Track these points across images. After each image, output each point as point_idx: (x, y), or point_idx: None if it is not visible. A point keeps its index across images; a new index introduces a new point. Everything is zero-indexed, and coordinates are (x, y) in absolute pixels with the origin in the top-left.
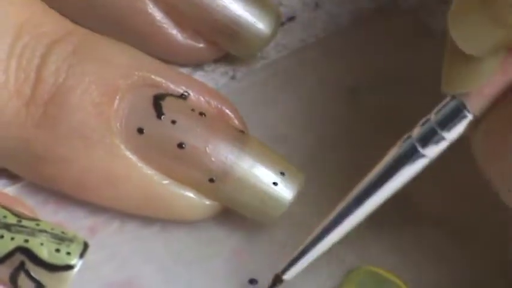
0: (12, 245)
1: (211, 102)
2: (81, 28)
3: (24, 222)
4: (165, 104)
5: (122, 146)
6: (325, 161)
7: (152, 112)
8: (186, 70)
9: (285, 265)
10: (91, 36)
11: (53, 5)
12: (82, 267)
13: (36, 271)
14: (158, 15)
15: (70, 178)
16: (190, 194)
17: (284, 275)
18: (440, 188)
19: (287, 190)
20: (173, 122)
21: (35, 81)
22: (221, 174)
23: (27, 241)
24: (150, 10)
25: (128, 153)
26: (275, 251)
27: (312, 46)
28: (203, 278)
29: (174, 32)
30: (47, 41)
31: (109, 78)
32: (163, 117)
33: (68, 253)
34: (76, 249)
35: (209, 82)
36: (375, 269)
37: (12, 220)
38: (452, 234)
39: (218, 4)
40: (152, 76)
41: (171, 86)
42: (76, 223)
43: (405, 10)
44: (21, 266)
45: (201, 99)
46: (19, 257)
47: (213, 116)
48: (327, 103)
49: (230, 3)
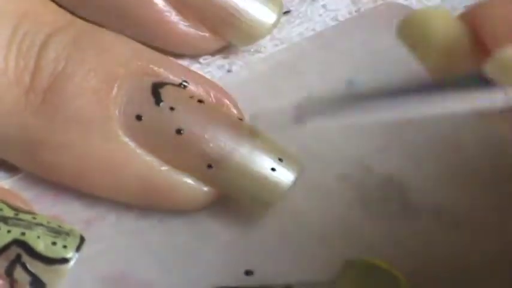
0: (8, 238)
1: (210, 92)
2: (80, 20)
3: (21, 215)
4: (164, 92)
5: (121, 133)
6: (322, 153)
7: (151, 99)
8: (182, 63)
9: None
10: (90, 27)
11: None
12: (78, 259)
13: (32, 264)
14: (160, 2)
15: (69, 165)
16: (188, 181)
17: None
18: (436, 179)
19: (285, 176)
20: (172, 109)
21: (34, 68)
22: (219, 160)
23: (23, 234)
24: None
25: (127, 139)
26: (271, 242)
27: (309, 40)
28: (199, 270)
29: (176, 20)
30: (47, 30)
31: (108, 65)
32: (161, 104)
33: (64, 246)
34: (72, 242)
35: (205, 75)
36: (372, 261)
37: (9, 213)
38: (448, 225)
39: None
40: (151, 66)
41: (170, 76)
42: (73, 216)
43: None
44: (17, 259)
45: (200, 89)
46: (15, 250)
47: (212, 104)
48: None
49: None
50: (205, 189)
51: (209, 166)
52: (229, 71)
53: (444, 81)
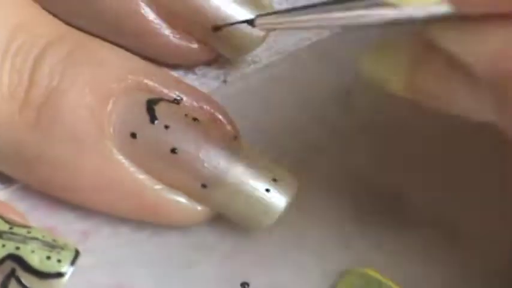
0: (3, 252)
1: (204, 107)
2: (75, 31)
3: (15, 229)
4: (159, 109)
5: (115, 150)
6: (317, 165)
7: (145, 117)
8: (177, 74)
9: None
10: (85, 39)
11: (46, 6)
12: (74, 271)
13: (27, 278)
14: (151, 15)
15: (62, 181)
16: (182, 200)
17: (257, 20)
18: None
19: (279, 197)
20: (166, 127)
21: (29, 83)
22: (213, 180)
23: (18, 248)
24: (143, 11)
25: (121, 157)
26: (267, 255)
27: (305, 49)
28: (195, 282)
29: (167, 33)
30: (42, 43)
31: (103, 81)
32: (156, 122)
33: (59, 260)
34: (67, 256)
35: (200, 86)
36: (369, 271)
37: (3, 227)
38: (445, 234)
39: (211, 5)
40: (145, 80)
41: (164, 91)
42: (68, 227)
43: None
44: (12, 273)
45: (194, 104)
46: (10, 264)
47: (206, 122)
48: (321, 106)
49: (223, 4)
50: (199, 208)
51: (203, 186)
52: (224, 81)
53: None
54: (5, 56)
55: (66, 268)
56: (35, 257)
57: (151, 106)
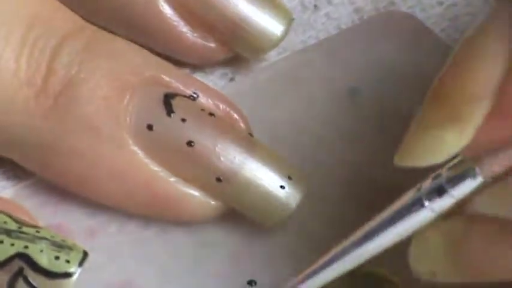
0: (11, 251)
1: (219, 105)
2: (92, 26)
3: (24, 228)
4: (176, 103)
5: (130, 141)
6: (325, 162)
7: (162, 109)
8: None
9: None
10: (102, 33)
11: (64, 2)
12: (81, 269)
13: (34, 278)
14: (169, 12)
15: (76, 171)
16: (196, 193)
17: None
18: None
19: (293, 194)
20: (183, 120)
21: (47, 72)
22: (229, 174)
23: (27, 247)
24: (161, 8)
25: (136, 148)
26: (274, 253)
27: (312, 47)
28: (202, 280)
29: (185, 30)
30: (59, 35)
31: (120, 73)
32: (173, 115)
33: (67, 261)
34: (75, 257)
35: (208, 84)
36: (375, 270)
37: (12, 226)
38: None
39: (230, 4)
40: (162, 76)
41: (181, 87)
42: (75, 225)
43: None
44: (19, 272)
45: (210, 101)
46: (18, 263)
47: (222, 117)
48: (327, 104)
49: (242, 3)
50: (212, 203)
51: (218, 179)
52: (232, 79)
53: None
54: (23, 44)
55: (74, 268)
56: (44, 257)
57: (168, 99)
